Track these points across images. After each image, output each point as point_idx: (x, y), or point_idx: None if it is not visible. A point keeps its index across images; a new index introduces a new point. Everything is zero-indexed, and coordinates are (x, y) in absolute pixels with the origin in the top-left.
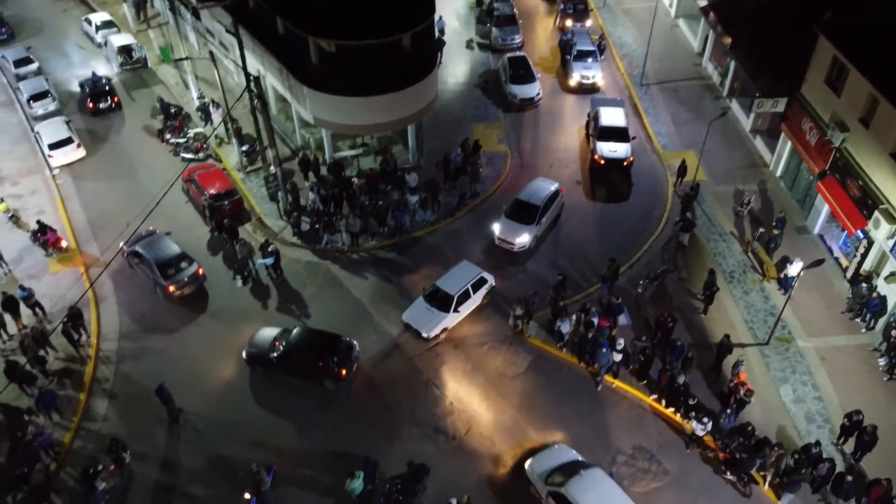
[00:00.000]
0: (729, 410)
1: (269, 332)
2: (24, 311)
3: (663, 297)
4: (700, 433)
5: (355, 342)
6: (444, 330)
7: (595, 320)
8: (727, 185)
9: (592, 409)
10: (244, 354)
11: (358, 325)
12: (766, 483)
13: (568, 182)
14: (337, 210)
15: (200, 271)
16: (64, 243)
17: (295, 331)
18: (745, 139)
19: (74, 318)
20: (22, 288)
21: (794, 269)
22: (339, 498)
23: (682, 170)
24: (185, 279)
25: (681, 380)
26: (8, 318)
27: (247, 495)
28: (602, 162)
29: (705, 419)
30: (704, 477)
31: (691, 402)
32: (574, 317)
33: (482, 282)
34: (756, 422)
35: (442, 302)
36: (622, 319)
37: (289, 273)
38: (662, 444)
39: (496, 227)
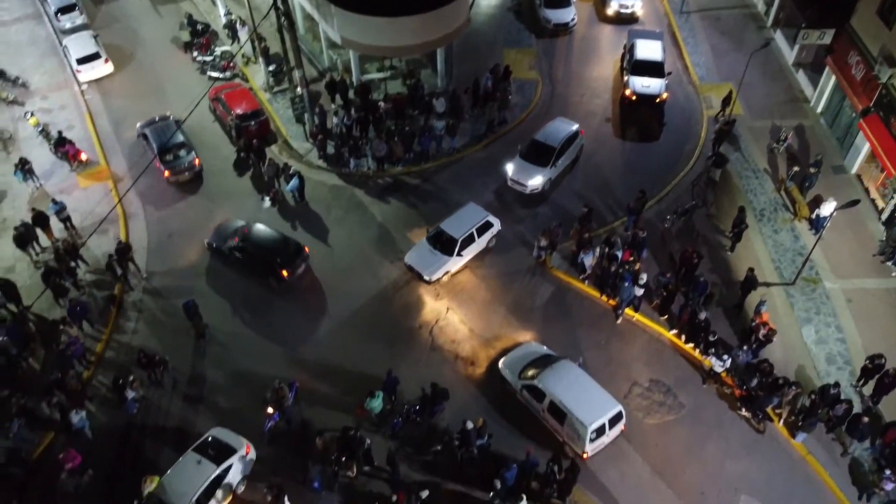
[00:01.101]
0: (748, 348)
1: (230, 225)
2: (56, 224)
3: (690, 232)
4: (718, 369)
5: (306, 247)
6: (447, 273)
7: (619, 253)
8: (764, 120)
9: (611, 341)
10: (205, 242)
11: (381, 251)
12: (781, 421)
13: (597, 117)
14: (363, 134)
15: (197, 162)
16: (84, 156)
17: (253, 227)
18: (787, 73)
19: (122, 252)
20: (53, 202)
21: (826, 208)
22: (357, 410)
23: (728, 101)
24: (182, 166)
25: (702, 316)
26: (40, 232)
27: (269, 409)
28: (633, 98)
29: (724, 356)
30: (719, 412)
31: (711, 338)
32: (598, 249)
33: (487, 226)
34: (775, 360)
35: (446, 245)
36: (646, 254)
37: (314, 196)
38: (679, 378)
39: (509, 168)
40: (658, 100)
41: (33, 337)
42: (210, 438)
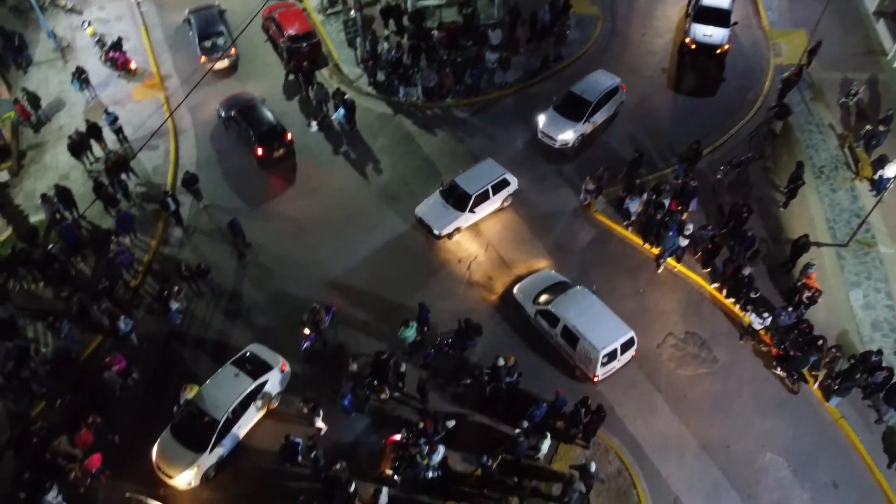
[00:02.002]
0: (791, 308)
1: (239, 97)
2: (109, 136)
3: (743, 185)
4: (757, 327)
5: (290, 134)
6: (458, 230)
7: (666, 202)
8: (835, 72)
9: (649, 290)
10: (218, 110)
11: (425, 183)
12: (817, 383)
13: (656, 57)
14: (414, 62)
15: (233, 50)
16: (133, 65)
17: (257, 105)
18: (866, 22)
19: (188, 182)
20: (107, 113)
21: (891, 170)
22: (391, 343)
23: (814, 51)
24: (218, 53)
25: (746, 271)
26: (94, 142)
27: (306, 330)
28: (693, 46)
29: (765, 314)
30: (754, 369)
31: (753, 295)
32: (645, 196)
33: (504, 184)
34: (818, 322)
35: (459, 200)
36: (694, 204)
37: (361, 123)
38: (716, 332)
39: (541, 119)
40: (719, 51)
41: (85, 243)
42: (248, 353)
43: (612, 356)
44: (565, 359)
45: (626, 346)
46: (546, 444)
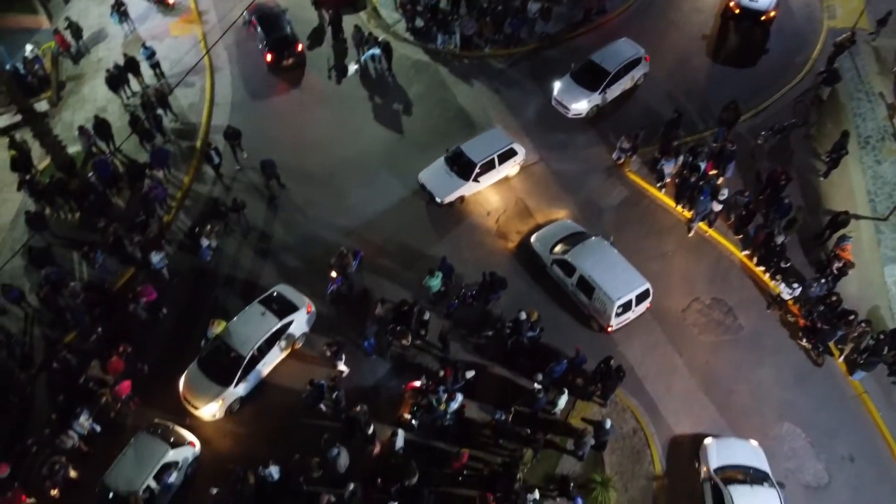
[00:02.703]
0: (823, 280)
1: (266, 4)
2: (146, 71)
3: (783, 152)
4: (786, 297)
5: (301, 46)
6: (461, 198)
7: (702, 165)
8: (893, 38)
9: (677, 253)
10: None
11: (458, 133)
12: (842, 356)
13: (699, 21)
14: (453, 9)
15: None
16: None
17: (280, 13)
18: None
19: (231, 136)
20: (144, 47)
21: None
22: (415, 291)
23: (883, 22)
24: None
25: (779, 240)
26: (132, 76)
27: (333, 274)
28: (737, 11)
29: (795, 284)
30: (779, 340)
31: (784, 264)
32: (680, 158)
33: (511, 153)
34: (850, 296)
35: (463, 168)
36: (731, 169)
37: (396, 69)
38: (743, 300)
39: (556, 85)
40: (764, 17)
41: (120, 176)
42: (275, 293)
43: (626, 307)
44: (580, 308)
45: (641, 298)
46: (563, 400)
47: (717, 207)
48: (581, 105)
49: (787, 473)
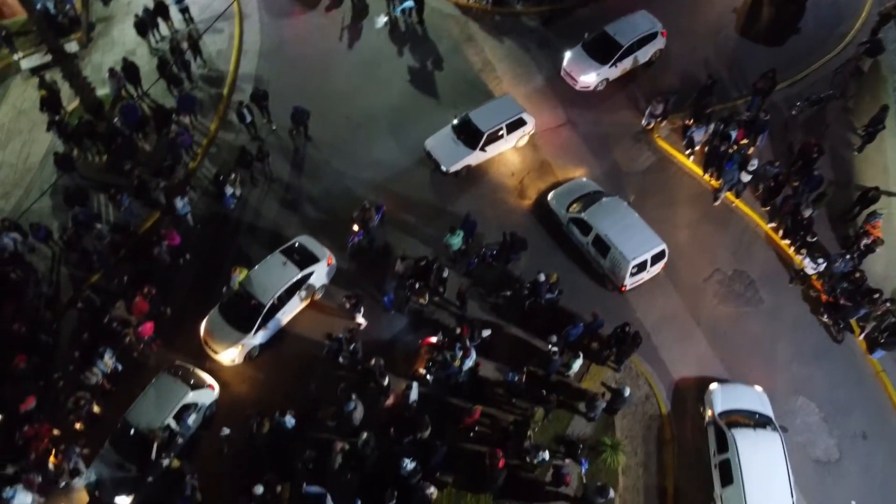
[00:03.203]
0: (848, 256)
1: None
2: (175, 15)
3: (818, 124)
4: (810, 271)
5: None
6: (467, 168)
7: (733, 133)
8: None
9: (702, 223)
10: None
11: (486, 90)
12: (863, 334)
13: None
14: None
15: None
16: None
17: None
18: None
19: (258, 97)
20: None
21: None
22: (436, 248)
23: None
24: None
25: (807, 213)
26: (161, 21)
27: (355, 227)
28: None
29: (819, 259)
30: (799, 314)
31: (810, 238)
32: (712, 126)
33: (520, 123)
34: (876, 274)
35: (470, 137)
36: (763, 139)
37: (427, 23)
38: (765, 273)
39: (566, 55)
40: None
41: (147, 120)
42: (297, 244)
43: (641, 267)
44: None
45: (656, 258)
46: (578, 363)
47: (746, 178)
48: (590, 78)
49: (797, 447)
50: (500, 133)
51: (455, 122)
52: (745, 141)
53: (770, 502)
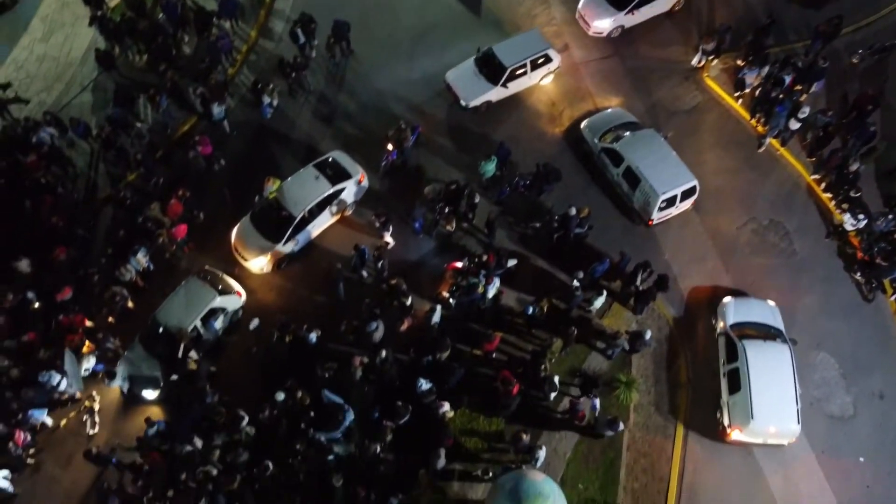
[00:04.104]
0: (891, 216)
1: None
2: None
3: (878, 75)
4: (849, 228)
5: None
6: (487, 104)
7: (787, 78)
8: None
9: (743, 169)
10: None
11: (532, 10)
12: (894, 296)
13: None
14: None
15: None
16: None
17: None
18: None
19: (305, 22)
20: None
21: None
22: (468, 174)
23: None
24: None
25: (854, 167)
26: None
27: (389, 146)
28: None
29: (860, 215)
30: (831, 270)
31: (854, 193)
32: (766, 69)
33: (545, 60)
34: None
35: (493, 71)
36: (818, 86)
37: None
38: (802, 225)
39: None
40: None
41: (188, 20)
42: (330, 159)
43: (671, 202)
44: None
45: (686, 194)
46: (600, 300)
47: (795, 126)
48: (604, 23)
49: (812, 401)
50: (524, 69)
51: (478, 54)
52: (798, 87)
53: (775, 410)
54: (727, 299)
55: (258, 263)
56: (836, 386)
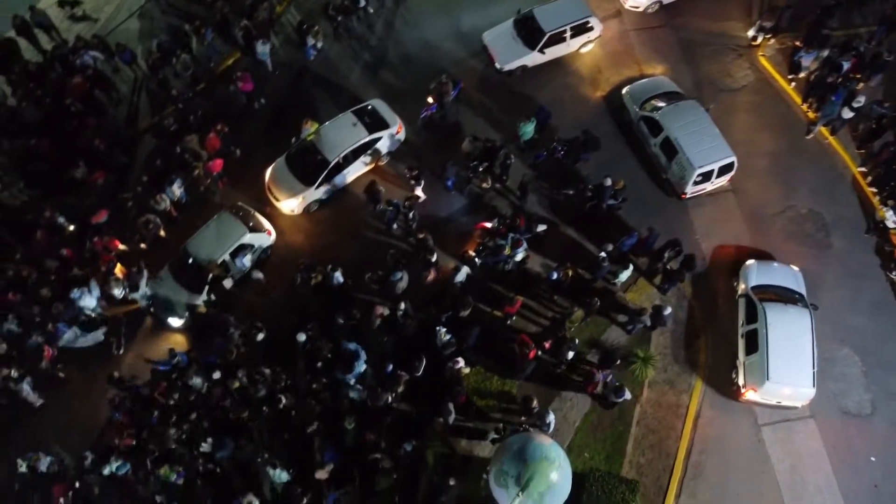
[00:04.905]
0: None
1: None
2: None
3: None
4: (891, 225)
5: None
6: (522, 68)
7: (846, 65)
8: None
9: (787, 154)
10: None
11: None
12: None
13: None
14: None
15: None
16: None
17: None
18: None
19: None
20: None
21: None
22: (507, 134)
23: None
24: None
25: None
26: None
27: (430, 99)
28: None
29: None
30: (865, 265)
31: None
32: (825, 52)
33: (586, 28)
34: None
35: (531, 35)
36: (879, 77)
37: None
38: (841, 217)
39: None
40: None
41: None
42: (369, 107)
43: (706, 176)
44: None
45: (723, 170)
46: (626, 274)
47: (847, 115)
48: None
49: (829, 395)
50: (564, 35)
51: (518, 16)
52: (856, 76)
53: (791, 372)
54: (750, 262)
55: (289, 205)
56: (856, 383)
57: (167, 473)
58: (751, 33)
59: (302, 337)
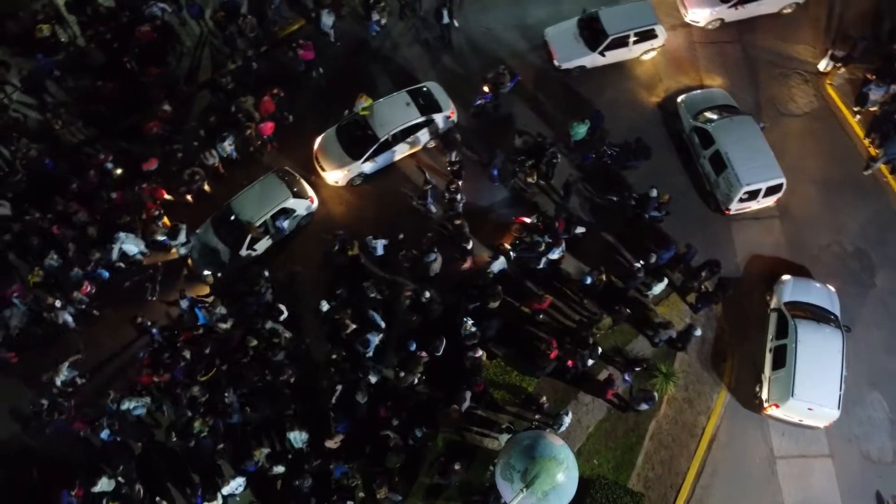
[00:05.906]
0: None
1: None
2: None
3: None
4: None
5: None
6: (580, 68)
7: None
8: None
9: (841, 187)
10: None
11: None
12: None
13: None
14: None
15: None
16: None
17: None
18: None
19: None
20: None
21: None
22: (558, 131)
23: None
24: None
25: None
26: None
27: (485, 88)
28: None
29: None
30: None
31: None
32: (894, 88)
33: (650, 35)
34: None
35: (593, 36)
36: None
37: None
38: (889, 259)
39: None
40: None
41: None
42: (424, 88)
43: (753, 195)
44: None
45: (771, 191)
46: (660, 287)
47: None
48: (703, 13)
49: (850, 437)
50: (627, 40)
51: (583, 15)
52: None
53: (817, 390)
54: (786, 277)
55: (334, 176)
56: (881, 429)
57: (200, 426)
58: (821, 65)
59: (325, 305)
